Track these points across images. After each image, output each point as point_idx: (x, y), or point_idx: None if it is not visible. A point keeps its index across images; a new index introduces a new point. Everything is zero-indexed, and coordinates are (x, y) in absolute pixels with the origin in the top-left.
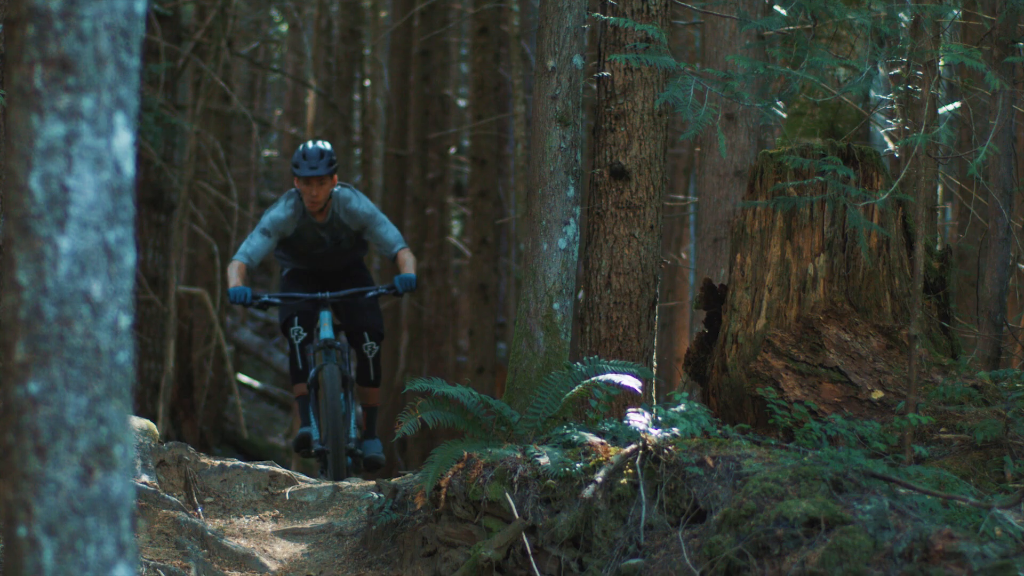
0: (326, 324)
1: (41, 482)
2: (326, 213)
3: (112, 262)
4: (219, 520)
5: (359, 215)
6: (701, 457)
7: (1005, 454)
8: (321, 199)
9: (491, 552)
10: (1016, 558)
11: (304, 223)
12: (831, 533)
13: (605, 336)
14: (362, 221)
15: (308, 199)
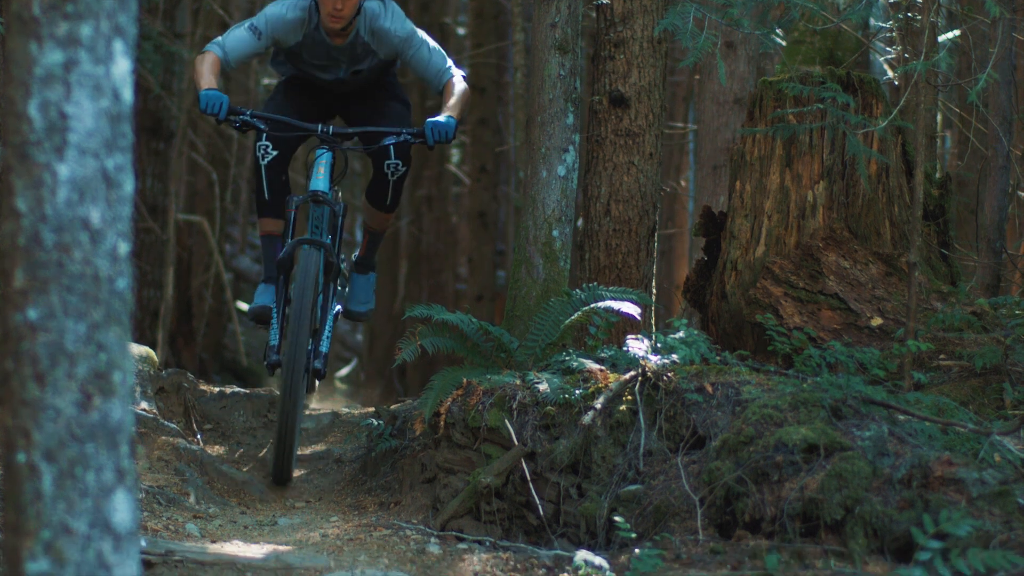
0: (321, 169)
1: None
2: (347, 35)
3: (111, 189)
4: (219, 447)
5: (391, 38)
6: (700, 384)
7: (1004, 381)
8: (347, 14)
9: (490, 478)
10: (1015, 484)
11: (314, 39)
12: (830, 459)
13: (604, 263)
14: (394, 46)
15: (329, 11)
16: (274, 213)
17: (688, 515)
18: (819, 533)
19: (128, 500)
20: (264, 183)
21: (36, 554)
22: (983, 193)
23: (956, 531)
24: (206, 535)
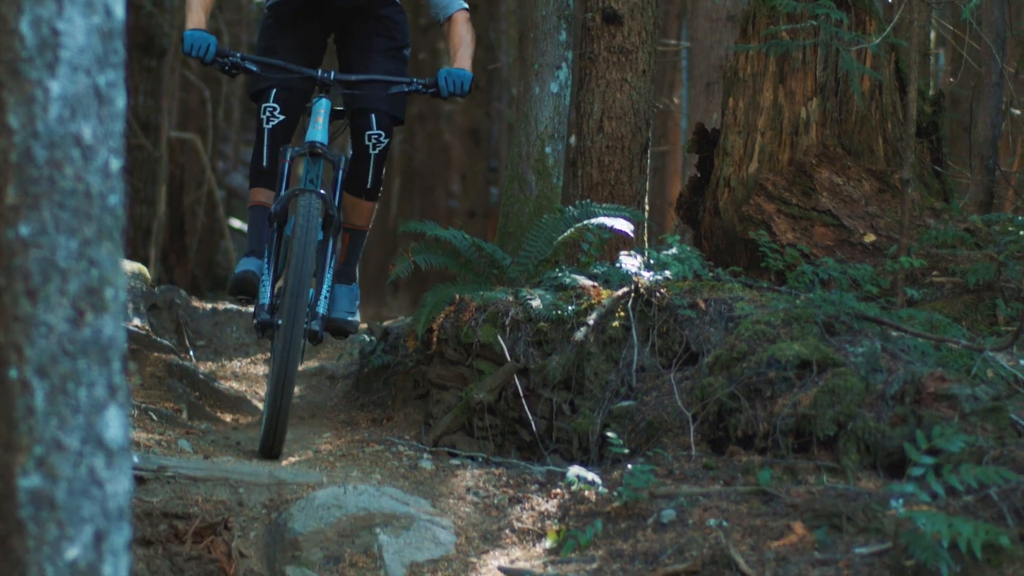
0: (320, 118)
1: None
2: None
3: (102, 106)
4: (211, 363)
5: None
6: (693, 300)
7: (997, 297)
8: None
9: (483, 394)
10: (1008, 400)
11: None
12: (823, 375)
13: (597, 180)
14: None
15: None
16: (269, 183)
17: (681, 431)
18: (812, 449)
19: (120, 416)
20: (265, 149)
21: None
22: (976, 110)
23: (949, 447)
24: (199, 451)
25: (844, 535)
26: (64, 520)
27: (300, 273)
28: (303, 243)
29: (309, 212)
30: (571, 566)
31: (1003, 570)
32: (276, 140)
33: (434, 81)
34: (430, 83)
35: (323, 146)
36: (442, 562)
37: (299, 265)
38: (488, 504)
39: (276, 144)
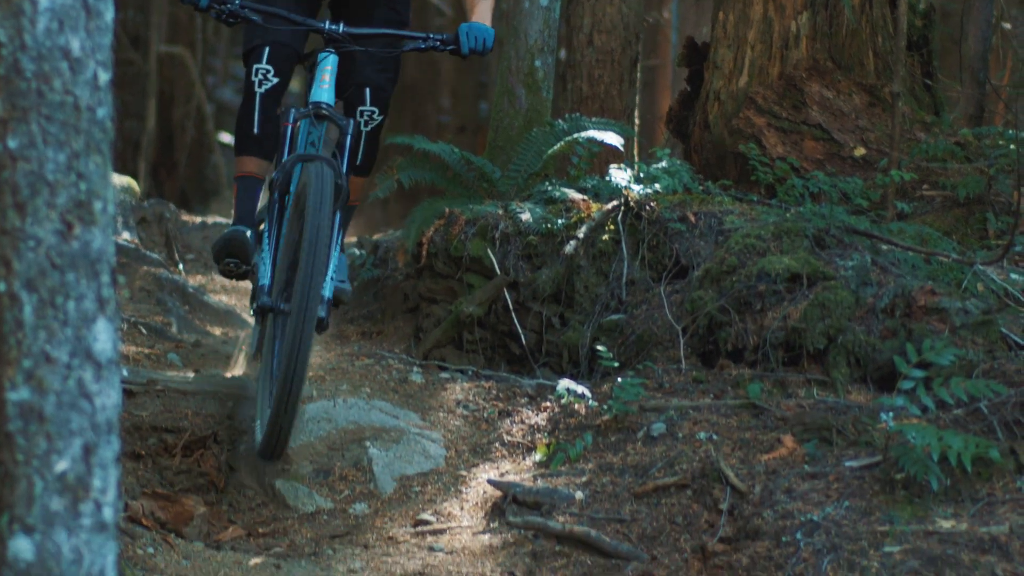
0: (326, 76)
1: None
2: None
3: (91, 18)
4: (200, 276)
5: None
6: (683, 213)
7: (987, 210)
8: None
9: (473, 308)
10: (998, 314)
11: None
12: (813, 289)
13: (587, 94)
14: None
15: None
16: (261, 152)
17: (671, 344)
18: (802, 362)
19: (109, 329)
20: (256, 115)
21: (17, 383)
22: (967, 24)
23: (939, 360)
24: (188, 364)
25: (834, 448)
26: (53, 433)
27: (315, 251)
28: (318, 218)
29: (322, 183)
30: (561, 479)
31: (993, 483)
32: (268, 105)
33: (454, 36)
34: (449, 39)
35: (330, 108)
36: (432, 475)
37: (314, 243)
38: (478, 417)
39: (268, 109)
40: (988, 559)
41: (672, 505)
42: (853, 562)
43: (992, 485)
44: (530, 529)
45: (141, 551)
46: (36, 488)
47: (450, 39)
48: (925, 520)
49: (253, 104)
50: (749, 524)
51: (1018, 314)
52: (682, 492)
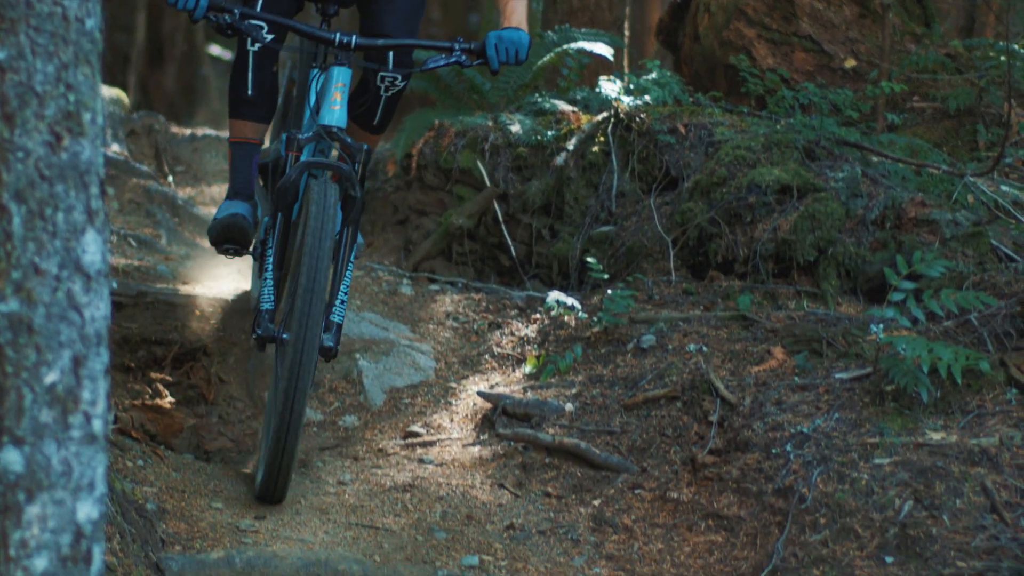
0: (337, 95)
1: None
2: None
3: None
4: (190, 188)
5: None
6: (673, 125)
7: (978, 122)
8: None
9: (462, 220)
10: (988, 225)
11: None
12: (803, 201)
13: (576, 5)
14: None
15: None
16: (256, 115)
17: (660, 256)
18: (792, 274)
19: (98, 241)
20: (250, 74)
21: (6, 295)
22: None
23: (929, 272)
24: (177, 277)
25: (824, 360)
26: (42, 345)
27: (312, 282)
28: (316, 246)
29: (324, 203)
30: (550, 391)
31: (983, 395)
32: (263, 64)
33: (481, 47)
34: (477, 49)
35: (340, 132)
36: (421, 387)
37: (311, 272)
38: (467, 330)
39: (264, 68)
40: (978, 471)
41: (662, 417)
42: (843, 474)
43: (982, 397)
44: (520, 441)
45: (131, 463)
46: (25, 400)
47: (478, 49)
48: (915, 432)
49: (246, 63)
50: (739, 436)
51: (1008, 226)
52: (672, 404)
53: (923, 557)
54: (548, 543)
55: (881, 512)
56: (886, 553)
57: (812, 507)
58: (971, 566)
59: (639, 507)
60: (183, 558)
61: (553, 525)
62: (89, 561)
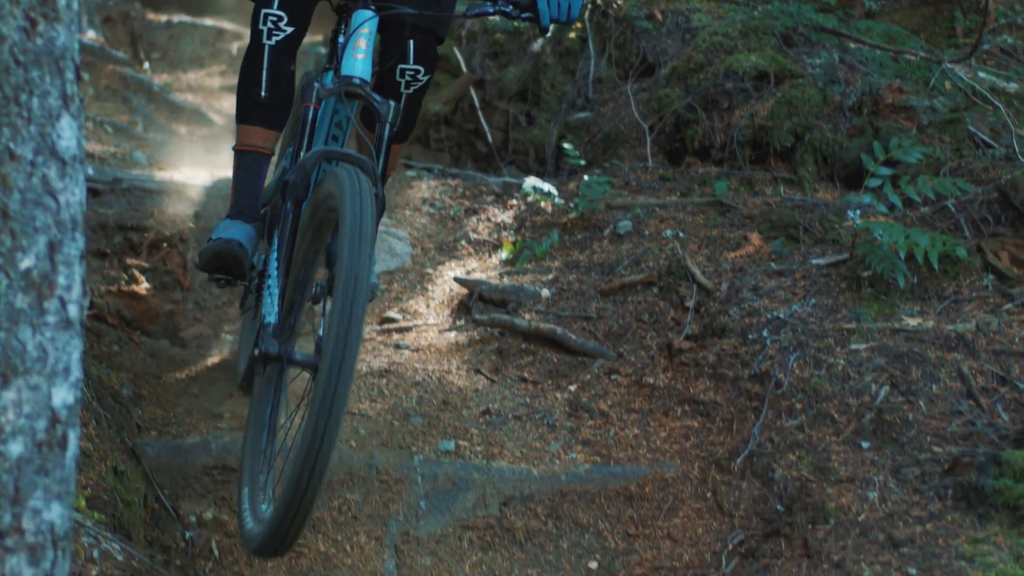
0: (362, 43)
1: None
2: None
3: None
4: (166, 75)
5: None
6: (650, 11)
7: (955, 9)
8: None
9: (439, 106)
10: (965, 112)
11: None
12: (780, 87)
13: None
14: None
15: None
16: (268, 120)
17: (637, 142)
18: (769, 160)
19: (73, 126)
20: (264, 72)
21: None
22: None
23: (906, 158)
24: (153, 163)
25: (800, 246)
26: (17, 230)
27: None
28: (358, 244)
29: (361, 198)
30: (527, 277)
31: (960, 281)
32: (279, 61)
33: (531, 3)
34: (526, 1)
35: (364, 85)
36: (398, 273)
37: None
38: (444, 215)
39: (280, 66)
40: (954, 356)
41: (638, 303)
42: (819, 359)
43: (959, 283)
44: (496, 327)
45: (106, 349)
46: (1, 285)
47: (526, 2)
48: (891, 318)
49: (260, 59)
50: (715, 322)
51: (985, 112)
52: (648, 290)
53: (899, 442)
54: (524, 428)
55: (857, 397)
56: (862, 438)
57: (788, 392)
58: (947, 451)
59: (615, 392)
60: (159, 443)
61: (529, 410)
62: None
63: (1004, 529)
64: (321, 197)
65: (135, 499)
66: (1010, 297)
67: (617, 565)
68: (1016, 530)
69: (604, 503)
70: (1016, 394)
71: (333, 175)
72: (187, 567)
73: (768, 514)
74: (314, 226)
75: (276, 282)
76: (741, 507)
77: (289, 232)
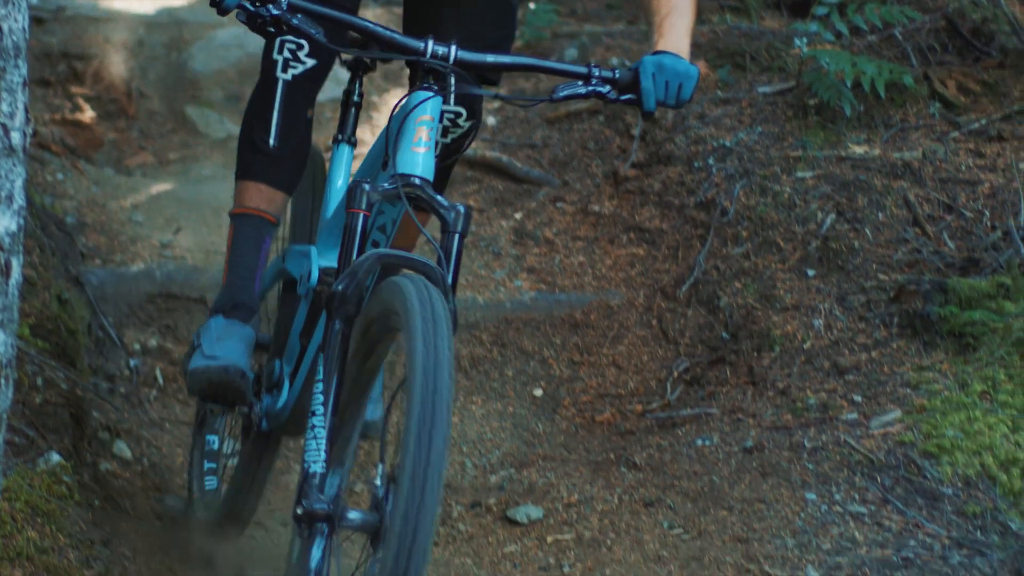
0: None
1: None
2: None
3: None
4: None
5: None
6: None
7: None
8: None
9: None
10: None
11: None
12: None
13: None
14: None
15: None
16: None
17: None
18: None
19: None
20: (275, 114)
21: None
22: None
23: None
24: None
25: (747, 74)
26: None
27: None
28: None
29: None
30: None
31: (906, 109)
32: (296, 101)
33: (633, 77)
34: (624, 79)
35: (427, 185)
36: None
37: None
38: None
39: (295, 107)
40: (900, 184)
41: (584, 131)
42: (765, 187)
43: (905, 111)
44: None
45: (51, 177)
46: None
47: (626, 80)
48: (838, 146)
49: (271, 97)
50: (661, 150)
51: None
52: (594, 118)
53: (845, 270)
54: (469, 256)
55: (803, 225)
56: (808, 266)
57: (734, 220)
58: (892, 279)
59: (560, 220)
60: (103, 271)
61: (475, 238)
62: (8, 274)
63: (949, 357)
64: (376, 313)
65: (79, 327)
66: (956, 125)
67: (562, 392)
68: (961, 357)
69: (549, 331)
70: (962, 222)
71: (395, 287)
72: (131, 395)
73: (713, 342)
74: (365, 349)
75: (323, 422)
76: (686, 335)
77: (338, 357)
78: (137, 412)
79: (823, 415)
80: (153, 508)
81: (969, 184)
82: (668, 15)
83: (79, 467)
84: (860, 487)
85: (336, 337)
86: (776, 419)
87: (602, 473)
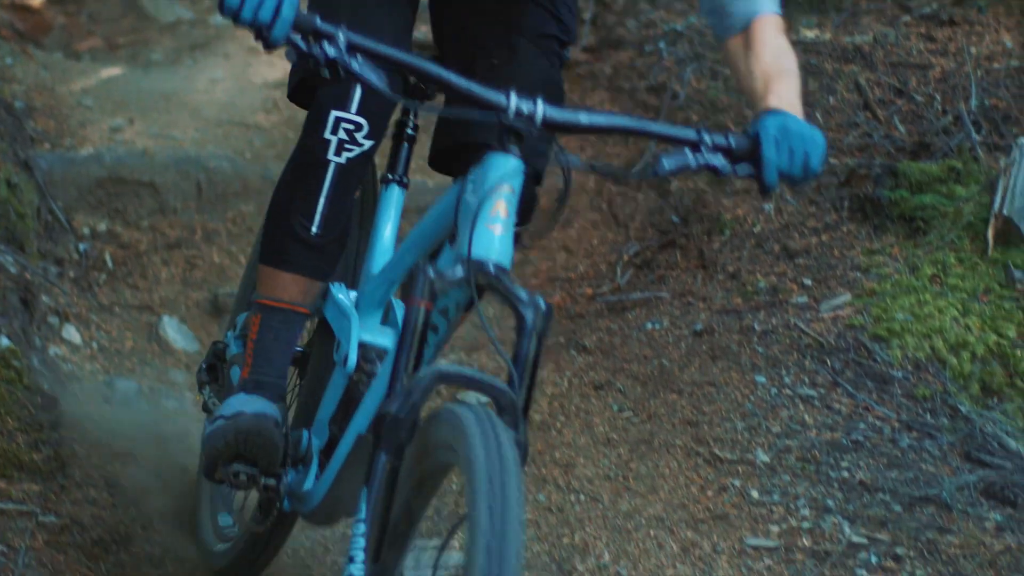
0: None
1: None
2: None
3: None
4: None
5: None
6: None
7: None
8: None
9: None
10: None
11: None
12: None
13: None
14: None
15: None
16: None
17: None
18: None
19: None
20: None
21: None
22: None
23: None
24: None
25: None
26: None
27: None
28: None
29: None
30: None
31: None
32: (348, 186)
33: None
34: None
35: (503, 274)
36: None
37: None
38: None
39: (347, 193)
40: (851, 68)
41: None
42: (716, 71)
43: None
44: None
45: None
46: None
47: (743, 148)
48: (788, 30)
49: (319, 182)
50: (612, 34)
51: None
52: None
53: None
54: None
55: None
56: None
57: (685, 104)
58: (843, 163)
59: None
60: (52, 155)
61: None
62: None
63: (899, 240)
64: (430, 445)
65: (28, 211)
66: (908, 9)
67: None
68: (911, 241)
69: None
70: (913, 106)
71: (453, 418)
72: (81, 279)
73: (664, 225)
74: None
75: (362, 571)
76: (636, 219)
77: (383, 493)
78: (86, 296)
79: (773, 298)
80: (102, 392)
81: (920, 68)
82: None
83: (28, 351)
84: (810, 370)
85: (381, 470)
86: (726, 303)
87: (552, 356)
